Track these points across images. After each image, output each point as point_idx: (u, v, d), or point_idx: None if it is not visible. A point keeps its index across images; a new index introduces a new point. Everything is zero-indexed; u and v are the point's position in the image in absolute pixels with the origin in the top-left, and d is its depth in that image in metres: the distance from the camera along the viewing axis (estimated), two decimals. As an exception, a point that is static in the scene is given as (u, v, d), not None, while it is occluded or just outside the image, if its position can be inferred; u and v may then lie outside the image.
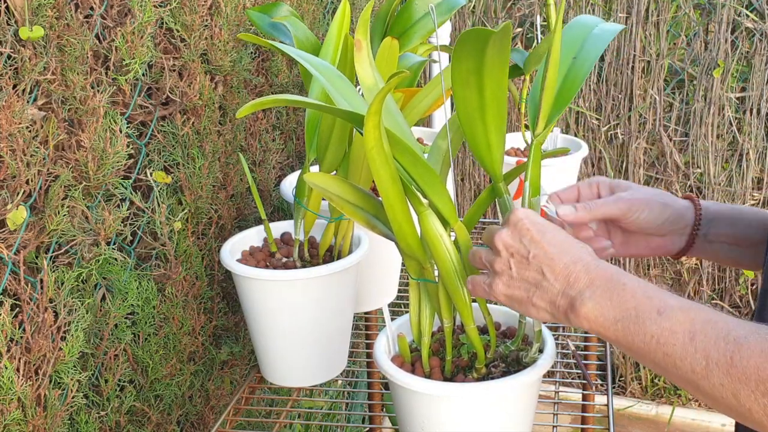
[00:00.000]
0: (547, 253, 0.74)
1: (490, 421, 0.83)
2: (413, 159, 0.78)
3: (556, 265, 0.74)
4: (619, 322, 0.70)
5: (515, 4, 2.61)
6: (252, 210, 1.41)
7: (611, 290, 0.71)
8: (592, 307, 0.71)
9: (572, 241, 0.75)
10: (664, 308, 0.68)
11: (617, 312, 0.70)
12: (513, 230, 0.76)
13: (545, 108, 0.80)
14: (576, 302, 0.72)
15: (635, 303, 0.69)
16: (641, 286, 0.71)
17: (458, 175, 2.78)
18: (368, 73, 0.85)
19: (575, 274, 0.73)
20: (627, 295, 0.70)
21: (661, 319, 0.68)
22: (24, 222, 0.89)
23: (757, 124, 2.45)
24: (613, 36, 0.86)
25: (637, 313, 0.69)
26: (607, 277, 0.72)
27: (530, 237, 0.75)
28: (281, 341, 1.10)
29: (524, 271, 0.75)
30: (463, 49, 0.72)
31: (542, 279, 0.74)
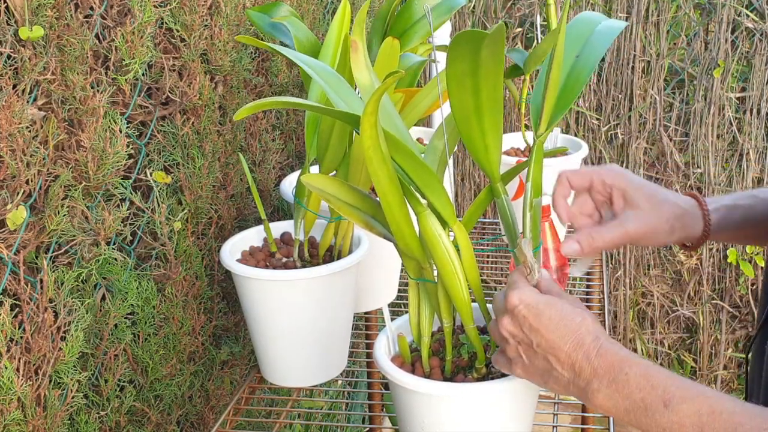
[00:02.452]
0: (549, 341, 0.74)
1: (490, 421, 0.83)
2: (411, 159, 0.78)
3: (559, 354, 0.74)
4: (631, 413, 0.71)
5: (515, 4, 2.61)
6: (252, 210, 1.41)
7: (616, 382, 0.71)
8: (602, 398, 0.72)
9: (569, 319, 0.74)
10: (669, 400, 0.69)
11: (627, 403, 0.71)
12: (512, 318, 0.76)
13: (548, 108, 0.80)
14: (587, 392, 0.73)
15: (641, 395, 0.70)
16: (643, 373, 0.71)
17: (458, 175, 2.78)
18: (364, 73, 0.85)
19: (579, 363, 0.73)
20: (632, 387, 0.71)
21: (668, 413, 0.69)
22: (24, 222, 0.89)
23: (757, 124, 2.45)
24: (617, 33, 0.85)
25: (645, 405, 0.70)
26: (609, 366, 0.72)
27: (529, 325, 0.75)
28: (281, 341, 1.10)
29: (534, 359, 0.76)
30: (458, 50, 0.72)
31: (551, 368, 0.75)
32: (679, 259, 2.63)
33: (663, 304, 2.71)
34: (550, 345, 0.74)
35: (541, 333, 0.74)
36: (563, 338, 0.74)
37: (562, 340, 0.74)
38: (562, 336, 0.74)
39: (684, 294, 2.67)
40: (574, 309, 0.76)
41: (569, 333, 0.74)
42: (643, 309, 2.74)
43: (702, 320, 2.65)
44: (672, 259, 2.66)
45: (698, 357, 2.68)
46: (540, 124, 0.81)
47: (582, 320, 0.75)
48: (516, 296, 0.76)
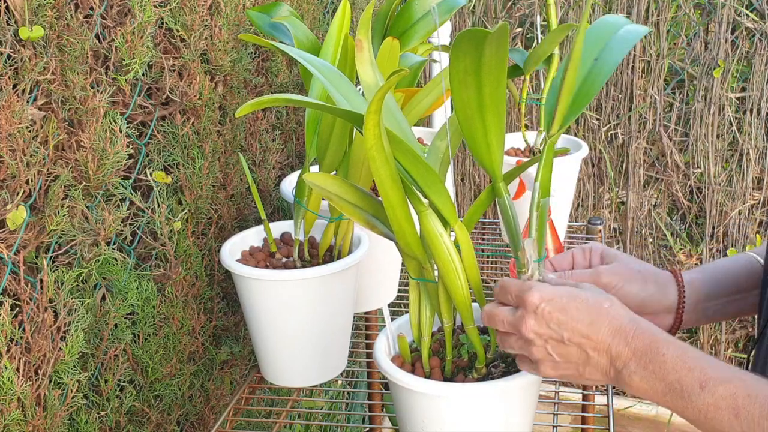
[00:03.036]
0: (581, 332, 0.74)
1: (491, 421, 0.83)
2: (413, 158, 0.78)
3: (594, 342, 0.74)
4: (667, 395, 0.71)
5: (515, 4, 2.61)
6: (252, 210, 1.41)
7: (653, 363, 0.71)
8: (639, 381, 0.72)
9: (598, 306, 0.75)
10: (706, 382, 0.69)
11: (663, 385, 0.71)
12: (536, 318, 0.75)
13: (562, 109, 0.80)
14: (624, 376, 0.73)
15: (677, 376, 0.70)
16: (680, 354, 0.71)
17: (458, 175, 2.78)
18: (369, 72, 0.85)
19: (615, 348, 0.73)
20: (668, 368, 0.71)
21: (704, 395, 0.69)
22: (24, 222, 0.89)
23: (757, 124, 2.45)
24: (639, 38, 0.83)
25: (682, 387, 0.70)
26: (646, 347, 0.72)
27: (556, 320, 0.74)
28: (281, 341, 1.10)
29: (566, 353, 0.75)
30: (461, 49, 0.72)
31: (588, 357, 0.75)
32: (679, 260, 2.63)
33: (663, 304, 2.71)
34: (583, 335, 0.74)
35: (571, 326, 0.74)
36: (595, 325, 0.73)
37: (594, 327, 0.73)
38: (593, 323, 0.74)
39: (684, 294, 2.67)
40: (597, 296, 0.76)
41: (601, 319, 0.74)
42: (643, 309, 2.73)
43: (702, 320, 2.64)
44: (672, 259, 2.66)
45: (698, 357, 2.68)
46: (552, 124, 0.80)
47: (610, 305, 0.75)
48: (536, 295, 0.75)
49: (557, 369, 0.77)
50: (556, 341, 0.75)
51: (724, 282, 0.95)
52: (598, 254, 0.93)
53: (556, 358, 0.76)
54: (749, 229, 2.54)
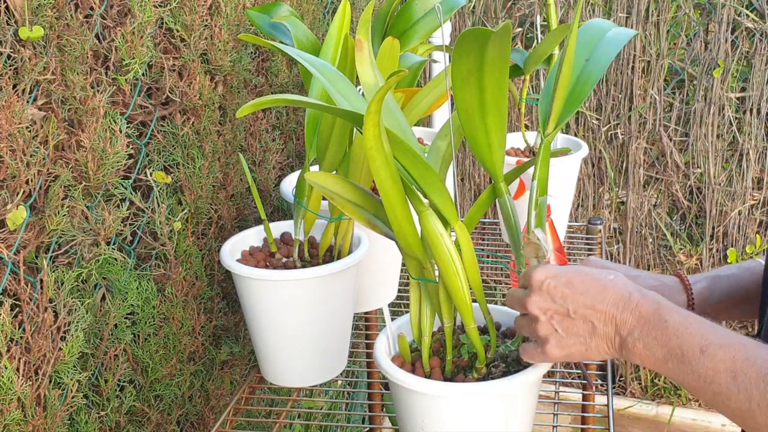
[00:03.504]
0: (587, 304, 0.75)
1: (491, 421, 0.83)
2: (414, 158, 0.78)
3: (600, 312, 0.74)
4: (669, 362, 0.71)
5: (515, 4, 2.61)
6: (252, 210, 1.41)
7: (656, 329, 0.72)
8: (642, 347, 0.72)
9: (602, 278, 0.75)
10: (706, 346, 0.69)
11: (665, 351, 0.71)
12: (541, 293, 0.76)
13: (556, 108, 0.80)
14: (628, 342, 0.73)
15: (678, 342, 0.71)
16: (682, 321, 0.71)
17: (458, 175, 2.78)
18: (369, 72, 0.85)
19: (621, 316, 0.74)
20: (670, 334, 0.71)
21: (704, 359, 0.69)
22: (24, 222, 0.89)
23: (757, 124, 2.45)
24: (627, 41, 0.86)
25: (682, 352, 0.70)
26: (650, 314, 0.73)
27: (561, 294, 0.75)
28: (281, 341, 1.10)
29: (571, 327, 0.76)
30: (463, 48, 0.72)
31: (593, 328, 0.75)
32: (679, 259, 2.63)
33: (663, 304, 2.71)
34: (589, 306, 0.74)
35: (575, 298, 0.75)
36: (600, 295, 0.74)
37: (599, 297, 0.74)
38: (598, 294, 0.74)
39: (684, 294, 2.66)
40: (602, 270, 0.76)
41: (605, 290, 0.74)
42: (643, 309, 2.73)
43: (702, 320, 2.64)
44: (672, 259, 2.66)
45: (698, 357, 2.68)
46: (548, 124, 0.81)
47: (615, 277, 0.75)
48: (540, 273, 0.77)
49: (563, 346, 0.77)
50: (562, 315, 0.76)
51: (732, 290, 0.95)
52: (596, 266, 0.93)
53: (561, 333, 0.76)
54: (749, 229, 2.54)
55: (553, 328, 0.77)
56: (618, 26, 0.88)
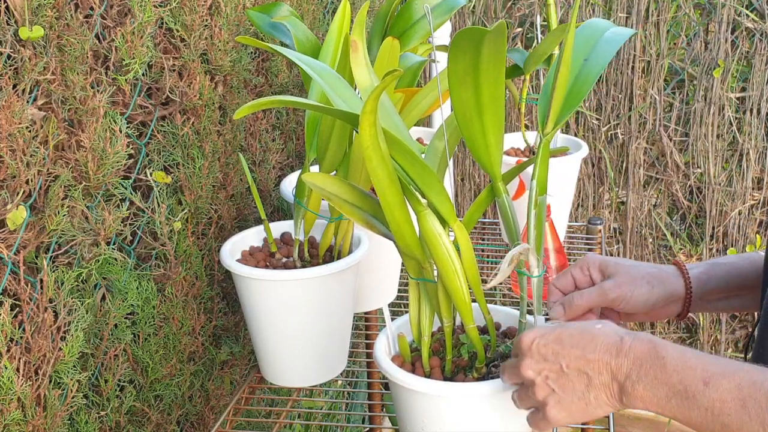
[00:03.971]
0: (578, 356, 0.74)
1: (491, 420, 0.83)
2: (411, 159, 0.78)
3: (593, 362, 0.73)
4: (672, 399, 0.70)
5: (515, 4, 2.61)
6: (252, 210, 1.41)
7: (654, 367, 0.71)
8: (642, 389, 0.71)
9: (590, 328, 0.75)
10: (709, 377, 0.68)
11: (666, 389, 0.70)
12: (532, 355, 0.76)
13: (555, 108, 0.80)
14: (627, 387, 0.72)
15: (679, 377, 0.69)
16: (679, 355, 0.70)
17: (458, 175, 2.78)
18: (364, 73, 0.85)
19: (615, 362, 0.72)
20: (669, 370, 0.70)
21: (708, 391, 0.68)
22: (24, 222, 0.89)
23: (757, 124, 2.45)
24: (625, 40, 0.86)
25: (685, 387, 0.69)
26: (645, 354, 0.71)
27: (552, 351, 0.75)
28: (281, 341, 1.10)
29: (567, 383, 0.75)
30: (459, 48, 0.72)
31: (589, 380, 0.74)
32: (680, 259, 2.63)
33: (663, 304, 2.71)
34: (581, 358, 0.74)
35: (566, 352, 0.74)
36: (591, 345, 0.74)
37: (590, 347, 0.73)
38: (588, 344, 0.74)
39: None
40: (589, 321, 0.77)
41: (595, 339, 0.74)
42: (643, 309, 2.73)
43: (702, 320, 2.65)
44: (672, 259, 2.66)
45: (698, 357, 2.68)
46: (547, 123, 0.81)
47: (602, 326, 0.75)
48: (528, 336, 0.77)
49: (563, 405, 0.75)
50: (556, 373, 0.75)
51: (730, 278, 0.95)
52: (596, 268, 0.93)
53: (559, 393, 0.75)
54: (749, 229, 2.54)
55: (550, 389, 0.75)
56: (616, 26, 0.88)
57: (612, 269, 0.92)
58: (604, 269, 0.93)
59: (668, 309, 0.94)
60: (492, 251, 1.86)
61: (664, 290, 0.92)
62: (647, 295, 0.91)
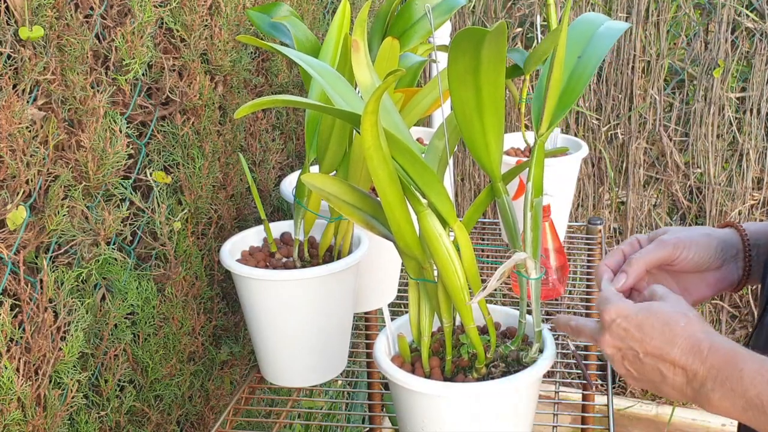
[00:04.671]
0: (656, 349, 0.73)
1: (490, 421, 0.83)
2: (412, 159, 0.78)
3: (669, 360, 0.73)
4: (748, 411, 0.69)
5: (515, 4, 2.61)
6: (252, 210, 1.41)
7: (730, 379, 0.70)
8: (719, 398, 0.70)
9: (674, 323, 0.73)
10: None
11: (743, 401, 0.69)
12: (612, 333, 0.76)
13: (549, 107, 0.80)
14: (702, 394, 0.72)
15: (757, 391, 0.68)
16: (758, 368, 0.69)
17: (458, 175, 2.78)
18: (365, 73, 0.85)
19: (691, 367, 0.72)
20: (746, 384, 0.69)
21: None
22: (24, 222, 0.89)
23: (757, 124, 2.45)
24: (620, 34, 0.85)
25: (762, 402, 0.68)
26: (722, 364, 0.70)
27: (631, 337, 0.74)
28: (281, 341, 1.10)
29: (642, 369, 0.75)
30: (459, 48, 0.72)
31: (663, 376, 0.74)
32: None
33: (663, 304, 2.71)
34: (658, 353, 0.73)
35: (645, 343, 0.74)
36: (670, 343, 0.73)
37: (669, 345, 0.73)
38: (668, 341, 0.73)
39: (684, 294, 2.67)
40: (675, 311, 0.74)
41: (676, 337, 0.73)
42: (643, 309, 2.73)
43: (702, 320, 2.64)
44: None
45: (698, 357, 2.68)
46: (541, 123, 0.81)
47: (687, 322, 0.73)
48: (612, 311, 0.75)
49: (639, 382, 0.77)
50: (633, 357, 0.75)
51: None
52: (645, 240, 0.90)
53: (636, 375, 0.76)
54: (749, 229, 2.54)
55: (626, 369, 0.76)
56: (610, 20, 0.87)
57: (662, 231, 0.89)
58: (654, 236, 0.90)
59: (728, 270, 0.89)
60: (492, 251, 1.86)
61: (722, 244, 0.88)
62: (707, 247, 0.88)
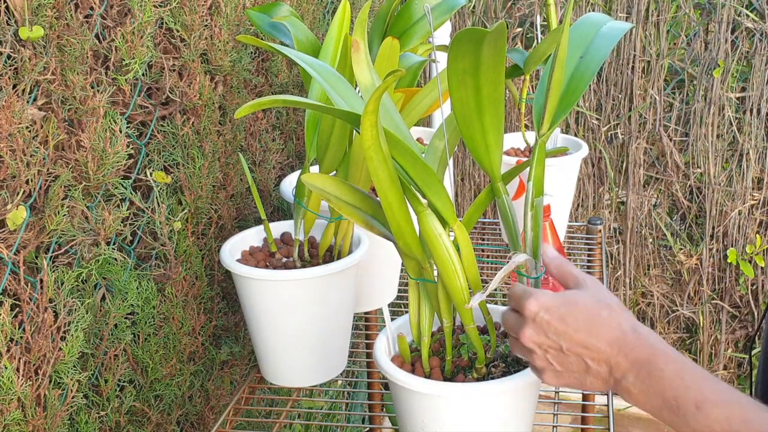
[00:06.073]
0: (580, 342, 0.73)
1: (490, 421, 0.83)
2: (412, 159, 0.78)
3: (593, 352, 0.73)
4: (664, 410, 0.70)
5: (515, 4, 2.61)
6: (252, 210, 1.41)
7: (651, 377, 0.70)
8: (638, 393, 0.71)
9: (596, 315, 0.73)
10: (702, 402, 0.68)
11: (660, 401, 0.70)
12: (534, 326, 0.75)
13: (551, 108, 0.80)
14: (622, 385, 0.72)
15: (674, 393, 0.69)
16: (678, 371, 0.70)
17: (458, 175, 2.78)
18: (365, 73, 0.85)
19: (615, 359, 0.72)
20: (665, 384, 0.70)
21: (699, 415, 0.68)
22: (24, 222, 0.89)
23: (757, 124, 2.45)
24: (622, 35, 0.84)
25: (678, 404, 0.69)
26: (645, 361, 0.71)
27: (554, 329, 0.74)
28: (281, 341, 1.10)
29: (566, 362, 0.74)
30: (459, 49, 0.72)
31: (587, 367, 0.74)
32: (679, 260, 2.63)
33: (663, 304, 2.71)
34: (582, 345, 0.73)
35: (569, 335, 0.73)
36: (594, 336, 0.73)
37: (593, 337, 0.73)
38: (592, 333, 0.73)
39: (684, 294, 2.67)
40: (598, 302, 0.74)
41: (600, 328, 0.73)
42: (643, 309, 2.74)
43: (702, 320, 2.65)
44: (672, 259, 2.66)
45: (698, 357, 2.68)
46: (542, 123, 0.81)
47: (609, 313, 0.73)
48: (534, 303, 0.74)
49: (559, 378, 0.76)
50: (556, 351, 0.74)
51: None
52: None
53: (558, 368, 0.75)
54: (749, 229, 2.54)
55: (548, 362, 0.75)
56: (614, 20, 0.87)
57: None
58: None
59: None
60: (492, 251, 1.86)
61: None
62: None
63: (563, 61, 0.78)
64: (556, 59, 0.77)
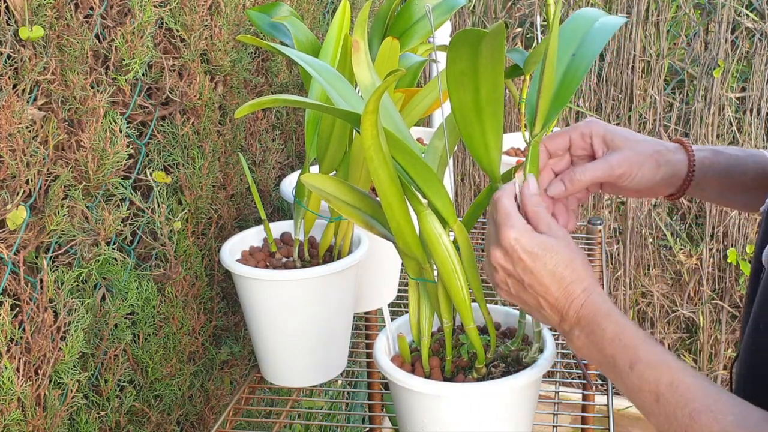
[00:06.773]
0: (542, 284, 0.76)
1: (490, 421, 0.83)
2: (412, 158, 0.78)
3: (549, 297, 0.76)
4: (603, 366, 0.75)
5: (515, 4, 2.61)
6: (252, 210, 1.41)
7: (594, 333, 0.75)
8: (581, 345, 0.76)
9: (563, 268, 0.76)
10: (635, 363, 0.72)
11: (600, 356, 0.75)
12: (506, 255, 0.77)
13: (543, 107, 0.80)
14: (570, 335, 0.77)
15: (612, 351, 0.73)
16: (618, 332, 0.74)
17: (458, 174, 2.78)
18: (366, 73, 0.85)
19: (566, 310, 0.76)
20: (605, 342, 0.74)
21: (632, 375, 0.72)
22: (24, 222, 0.89)
23: (757, 124, 2.45)
24: (615, 30, 0.84)
25: (615, 362, 0.73)
26: (590, 319, 0.75)
27: (523, 266, 0.76)
28: (281, 341, 1.10)
29: (522, 294, 0.78)
30: (457, 50, 0.72)
31: (540, 307, 0.78)
32: (679, 259, 2.63)
33: (663, 304, 2.71)
34: (543, 287, 0.76)
35: (534, 275, 0.76)
36: (554, 285, 0.76)
37: (553, 287, 0.76)
38: (554, 282, 0.76)
39: (684, 294, 2.67)
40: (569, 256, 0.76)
41: (562, 280, 0.76)
42: (643, 309, 2.74)
43: (702, 320, 2.65)
44: (672, 259, 2.66)
45: (698, 357, 2.68)
46: (535, 123, 0.81)
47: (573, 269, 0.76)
48: (512, 235, 0.76)
49: (511, 299, 0.80)
50: (516, 281, 0.77)
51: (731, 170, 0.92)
52: (600, 138, 0.87)
53: (512, 292, 0.79)
54: (749, 229, 2.54)
55: (506, 285, 0.78)
56: (606, 14, 0.86)
57: (619, 142, 0.87)
58: (610, 141, 0.87)
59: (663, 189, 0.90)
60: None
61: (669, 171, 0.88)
62: (653, 174, 0.87)
63: (553, 60, 0.78)
64: (547, 57, 0.76)
